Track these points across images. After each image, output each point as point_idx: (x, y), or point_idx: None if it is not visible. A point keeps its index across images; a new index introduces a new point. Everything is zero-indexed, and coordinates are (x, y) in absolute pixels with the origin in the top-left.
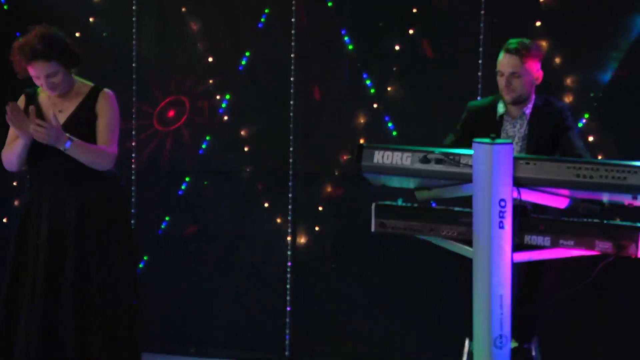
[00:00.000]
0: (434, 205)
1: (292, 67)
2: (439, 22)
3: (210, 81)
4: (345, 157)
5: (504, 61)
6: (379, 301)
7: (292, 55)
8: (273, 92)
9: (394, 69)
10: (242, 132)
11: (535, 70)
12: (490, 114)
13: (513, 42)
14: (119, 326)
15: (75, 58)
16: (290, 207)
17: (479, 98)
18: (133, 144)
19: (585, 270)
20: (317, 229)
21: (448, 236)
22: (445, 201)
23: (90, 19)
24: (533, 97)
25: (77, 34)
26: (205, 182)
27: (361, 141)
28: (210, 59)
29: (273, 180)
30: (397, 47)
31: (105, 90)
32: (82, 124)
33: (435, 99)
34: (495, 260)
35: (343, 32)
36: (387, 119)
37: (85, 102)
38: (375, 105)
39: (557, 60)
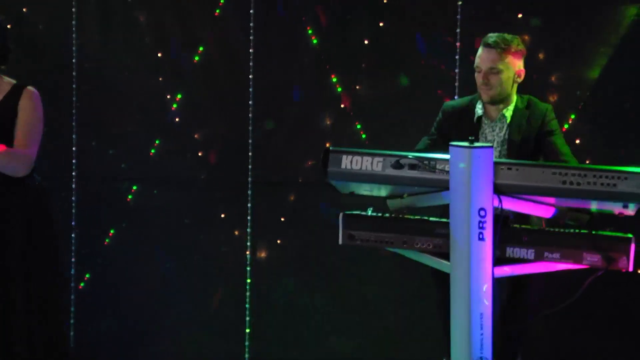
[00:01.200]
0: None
1: (251, 64)
2: (412, 14)
3: (160, 79)
4: (309, 163)
5: (482, 56)
6: (347, 320)
7: (250, 50)
8: (230, 91)
9: (363, 65)
10: (196, 136)
11: (516, 67)
12: (467, 115)
13: (492, 36)
14: (40, 352)
15: (4, 48)
16: (249, 218)
17: (456, 97)
18: (74, 148)
19: (573, 281)
20: (279, 242)
21: (423, 249)
22: (420, 210)
23: (24, 9)
24: (514, 97)
25: (9, 26)
26: (155, 191)
27: (327, 145)
28: (159, 54)
29: (230, 189)
30: (366, 42)
31: (29, 87)
32: (2, 124)
33: (409, 98)
34: (475, 275)
35: (307, 24)
36: (355, 120)
37: (6, 101)
38: (342, 106)
39: (541, 56)
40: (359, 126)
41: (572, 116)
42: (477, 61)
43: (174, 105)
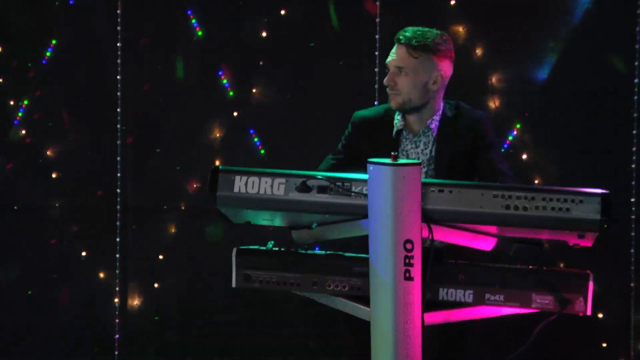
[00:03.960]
0: (317, 249)
1: (119, 61)
2: (321, 0)
3: (0, 80)
4: (195, 186)
5: (393, 52)
6: None
7: (118, 45)
8: (92, 95)
9: (261, 63)
10: (48, 152)
11: (434, 69)
12: (383, 128)
13: (407, 30)
14: None
15: None
16: (118, 255)
17: (376, 104)
18: None
19: (521, 324)
20: (156, 285)
21: (337, 292)
22: (333, 244)
23: None
24: (440, 105)
25: None
26: None
27: (217, 163)
28: None
29: (94, 220)
30: (264, 34)
31: None
32: None
33: (318, 105)
34: (401, 324)
35: (189, 12)
36: (251, 132)
37: None
38: (235, 114)
39: (479, 51)
40: (255, 139)
41: (517, 126)
42: (388, 59)
43: (19, 114)
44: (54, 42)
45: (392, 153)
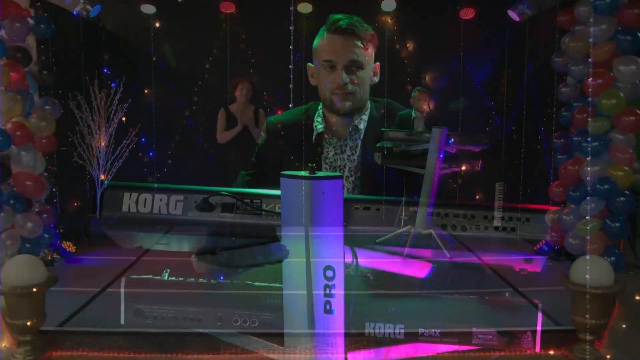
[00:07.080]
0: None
1: None
2: None
3: None
4: (75, 204)
5: (337, 45)
6: None
7: None
8: None
9: (154, 59)
10: None
11: (372, 62)
12: (302, 133)
13: (344, 19)
14: None
15: None
16: None
17: (291, 106)
18: None
19: None
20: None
21: (245, 328)
22: (241, 272)
23: None
24: (368, 103)
25: None
26: None
27: (102, 177)
28: None
29: None
30: (156, 24)
31: None
32: None
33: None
34: None
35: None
36: (143, 140)
37: None
38: (124, 119)
39: (409, 45)
40: (143, 140)
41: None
42: (327, 53)
43: None
44: None
45: (309, 164)
